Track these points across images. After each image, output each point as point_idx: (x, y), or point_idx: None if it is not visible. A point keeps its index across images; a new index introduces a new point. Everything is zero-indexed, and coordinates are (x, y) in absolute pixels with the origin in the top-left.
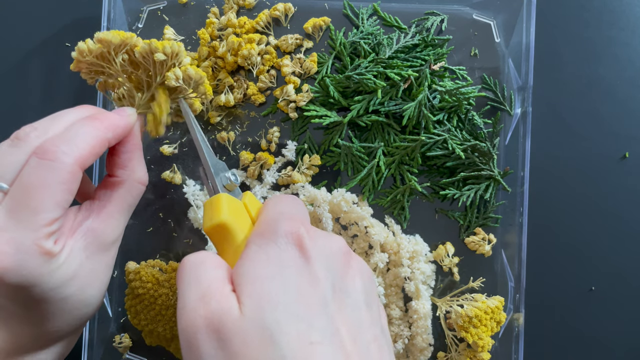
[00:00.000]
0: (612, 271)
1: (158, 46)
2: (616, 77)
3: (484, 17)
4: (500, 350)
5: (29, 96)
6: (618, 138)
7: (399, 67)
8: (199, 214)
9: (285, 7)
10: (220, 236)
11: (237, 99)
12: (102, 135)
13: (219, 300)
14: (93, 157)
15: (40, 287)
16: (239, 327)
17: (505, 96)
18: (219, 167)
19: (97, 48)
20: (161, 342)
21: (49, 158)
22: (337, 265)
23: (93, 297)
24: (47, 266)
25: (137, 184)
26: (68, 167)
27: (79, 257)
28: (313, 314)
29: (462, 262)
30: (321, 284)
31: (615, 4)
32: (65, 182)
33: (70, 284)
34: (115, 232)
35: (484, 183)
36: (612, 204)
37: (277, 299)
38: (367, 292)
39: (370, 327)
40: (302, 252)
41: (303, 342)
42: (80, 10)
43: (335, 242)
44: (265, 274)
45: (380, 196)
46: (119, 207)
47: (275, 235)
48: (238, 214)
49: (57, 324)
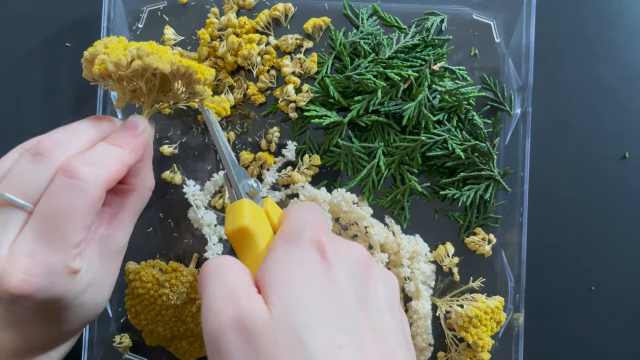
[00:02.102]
0: (612, 271)
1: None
2: (616, 77)
3: (484, 17)
4: (500, 350)
5: (29, 96)
6: (618, 138)
7: (399, 67)
8: (198, 214)
9: (285, 7)
10: (242, 241)
11: (237, 99)
12: (126, 161)
13: (247, 301)
14: (117, 180)
15: (64, 300)
16: (268, 327)
17: (505, 96)
18: (241, 174)
19: (138, 65)
20: (161, 342)
21: (79, 179)
22: (358, 272)
23: (103, 299)
24: (72, 282)
25: (148, 190)
26: (98, 190)
27: (95, 265)
28: (339, 317)
29: (462, 262)
30: (344, 290)
31: (615, 4)
32: (94, 204)
33: (88, 290)
34: (125, 237)
35: (484, 183)
36: (612, 204)
37: (305, 301)
38: (390, 299)
39: (395, 333)
40: (324, 259)
41: (331, 345)
42: (80, 10)
43: (356, 250)
44: (293, 277)
45: (380, 196)
46: (130, 214)
47: (300, 240)
48: (260, 220)
49: (70, 326)
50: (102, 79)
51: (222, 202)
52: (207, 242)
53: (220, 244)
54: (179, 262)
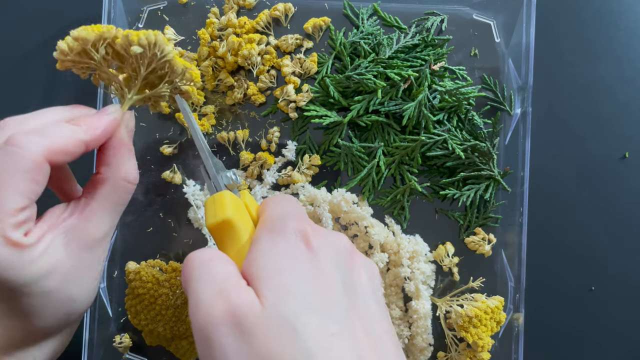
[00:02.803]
0: (612, 271)
1: (134, 38)
2: (616, 77)
3: (484, 17)
4: (500, 350)
5: (29, 96)
6: (618, 138)
7: (399, 67)
8: (199, 213)
9: (285, 7)
10: (224, 233)
11: (237, 99)
12: (78, 137)
13: (238, 294)
14: (64, 156)
15: (14, 279)
16: (261, 319)
17: (505, 96)
18: (219, 166)
19: (76, 46)
20: (161, 342)
21: (15, 144)
22: (343, 261)
23: (79, 293)
24: (18, 258)
25: (123, 181)
26: (32, 156)
27: (58, 253)
28: (329, 306)
29: (462, 262)
30: (332, 278)
31: (615, 4)
32: (29, 171)
33: (50, 278)
34: (100, 231)
35: (484, 183)
36: (612, 204)
37: (296, 291)
38: (374, 287)
39: (381, 320)
40: (309, 248)
41: (324, 333)
42: (80, 10)
43: (340, 240)
44: (281, 267)
45: (380, 196)
46: (103, 206)
47: (285, 231)
48: (241, 212)
49: (43, 319)
50: (79, 70)
51: None
52: (207, 242)
53: None
54: (179, 262)
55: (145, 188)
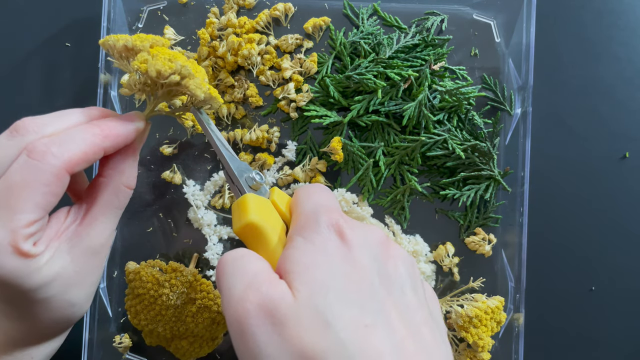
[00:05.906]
0: (612, 271)
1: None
2: (616, 77)
3: (484, 17)
4: (500, 350)
5: (29, 96)
6: (618, 138)
7: (399, 67)
8: (198, 214)
9: (285, 7)
10: (252, 236)
11: (237, 99)
12: (98, 143)
13: (269, 286)
14: (85, 163)
15: (20, 287)
16: (294, 311)
17: (505, 96)
18: (242, 168)
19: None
20: (161, 342)
21: (37, 158)
22: (378, 253)
23: (79, 297)
24: (25, 267)
25: (124, 187)
26: (54, 170)
27: (62, 260)
28: (364, 298)
29: (462, 262)
30: (367, 271)
31: (615, 4)
32: (49, 184)
33: (53, 285)
34: (101, 236)
35: (484, 183)
36: (612, 204)
37: (329, 284)
38: (411, 277)
39: (418, 310)
40: (343, 242)
41: (358, 325)
42: (80, 10)
43: (374, 232)
44: (315, 262)
45: (380, 196)
46: (104, 211)
47: (317, 226)
48: (267, 212)
49: (44, 322)
50: (126, 69)
51: (221, 202)
52: (207, 242)
53: (220, 244)
54: (179, 262)
55: (145, 188)
